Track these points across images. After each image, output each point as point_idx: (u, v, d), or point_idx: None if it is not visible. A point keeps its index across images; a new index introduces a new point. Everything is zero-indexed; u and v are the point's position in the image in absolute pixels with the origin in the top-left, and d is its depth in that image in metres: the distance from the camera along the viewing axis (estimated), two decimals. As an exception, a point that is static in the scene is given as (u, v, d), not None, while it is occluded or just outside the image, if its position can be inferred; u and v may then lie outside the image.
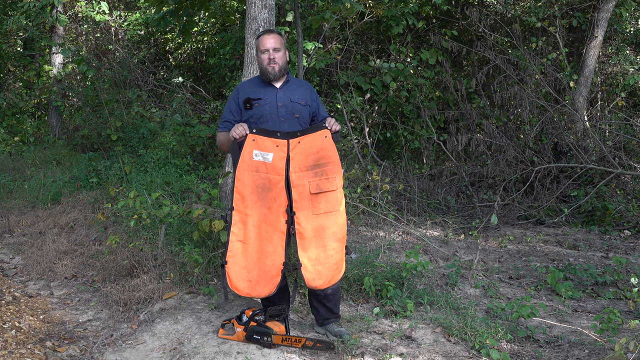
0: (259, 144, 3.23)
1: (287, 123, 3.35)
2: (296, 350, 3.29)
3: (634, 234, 6.17)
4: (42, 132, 10.94)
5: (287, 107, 3.39)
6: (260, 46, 3.43)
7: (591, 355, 3.24)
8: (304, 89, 3.53)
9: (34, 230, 6.19)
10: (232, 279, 3.22)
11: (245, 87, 3.47)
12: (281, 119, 3.35)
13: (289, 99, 3.41)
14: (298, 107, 3.41)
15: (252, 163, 3.22)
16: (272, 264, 3.22)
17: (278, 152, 3.23)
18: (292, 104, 3.40)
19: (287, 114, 3.37)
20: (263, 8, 4.64)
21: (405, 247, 5.16)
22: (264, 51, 3.40)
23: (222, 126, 3.48)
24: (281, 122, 3.34)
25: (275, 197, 3.22)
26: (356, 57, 9.16)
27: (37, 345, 3.53)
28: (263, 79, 3.45)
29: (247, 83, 3.54)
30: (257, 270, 3.22)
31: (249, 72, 4.68)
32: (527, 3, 9.44)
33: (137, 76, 9.63)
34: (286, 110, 3.38)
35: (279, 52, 3.41)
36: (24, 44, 13.01)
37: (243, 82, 3.60)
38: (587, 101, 8.48)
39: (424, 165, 8.04)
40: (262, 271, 3.21)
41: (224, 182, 4.87)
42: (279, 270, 3.22)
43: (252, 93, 3.41)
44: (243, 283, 3.22)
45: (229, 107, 3.47)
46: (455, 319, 3.58)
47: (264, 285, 3.22)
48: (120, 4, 12.49)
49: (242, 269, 3.22)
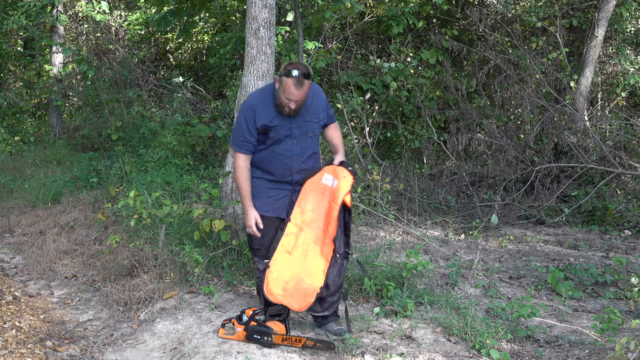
0: (332, 168, 3.44)
1: (299, 145, 3.40)
2: (296, 350, 3.29)
3: (634, 233, 6.17)
4: (43, 131, 10.93)
5: (302, 128, 3.40)
6: (285, 88, 3.23)
7: (591, 355, 3.24)
8: (316, 102, 3.44)
9: (34, 229, 6.19)
10: (269, 283, 3.34)
11: (260, 110, 3.35)
12: (294, 141, 3.39)
13: (303, 120, 3.39)
14: (311, 126, 3.43)
15: (320, 184, 3.41)
16: (311, 284, 3.36)
17: (345, 182, 3.41)
18: (305, 124, 3.40)
19: (300, 135, 3.40)
20: (263, 8, 4.64)
21: (406, 247, 5.16)
22: (287, 97, 3.25)
23: (242, 146, 3.39)
24: (294, 144, 3.39)
25: (330, 223, 3.40)
26: (356, 57, 9.16)
27: (37, 344, 3.53)
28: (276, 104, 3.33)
29: (260, 103, 3.37)
30: (295, 284, 3.35)
31: (249, 71, 4.68)
32: (527, 3, 9.44)
33: (138, 76, 9.63)
34: (300, 132, 3.40)
35: (299, 103, 3.30)
36: (24, 44, 13.00)
37: (257, 100, 3.40)
38: (587, 101, 8.48)
39: (424, 165, 8.03)
40: (299, 286, 3.35)
41: (224, 181, 4.87)
42: (315, 293, 3.36)
43: (268, 119, 3.34)
44: (278, 290, 3.34)
45: (248, 127, 3.36)
46: (455, 318, 3.58)
47: (297, 300, 3.35)
48: (120, 4, 12.49)
49: (281, 278, 3.35)
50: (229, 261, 4.46)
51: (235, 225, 4.54)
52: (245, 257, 4.47)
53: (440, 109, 8.75)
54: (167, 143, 7.57)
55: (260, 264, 3.50)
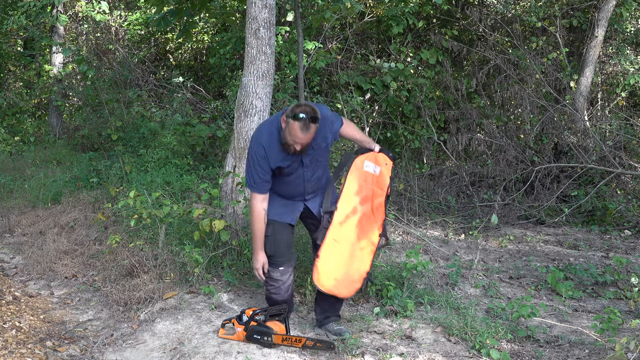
0: (373, 156, 3.49)
1: (310, 171, 3.40)
2: (296, 350, 3.29)
3: (634, 233, 6.17)
4: (43, 131, 10.93)
5: (311, 156, 3.38)
6: (291, 131, 3.17)
7: (591, 355, 3.24)
8: (323, 127, 3.35)
9: (34, 230, 6.19)
10: (320, 274, 3.34)
11: (271, 152, 3.28)
12: (305, 169, 3.38)
13: (312, 148, 3.34)
14: (319, 152, 3.41)
15: (362, 172, 3.45)
16: (358, 269, 3.41)
17: (386, 169, 3.48)
18: (314, 152, 3.37)
19: (310, 162, 3.39)
20: (263, 8, 4.64)
21: (406, 247, 5.16)
22: (293, 140, 3.19)
23: (262, 187, 3.34)
24: (305, 172, 3.39)
25: (376, 209, 3.47)
26: (356, 57, 9.16)
27: (37, 344, 3.53)
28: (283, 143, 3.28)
29: (270, 145, 3.29)
30: (344, 272, 3.38)
31: (249, 71, 4.68)
32: (527, 3, 9.44)
33: (138, 76, 9.62)
34: (310, 160, 3.38)
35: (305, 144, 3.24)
36: (24, 44, 13.00)
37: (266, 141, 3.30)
38: (587, 101, 8.48)
39: (424, 165, 8.03)
40: (347, 273, 3.38)
41: (224, 181, 4.87)
42: (362, 278, 3.42)
43: (280, 159, 3.30)
44: (330, 281, 3.36)
45: (262, 168, 3.29)
46: (455, 318, 3.58)
47: (346, 287, 3.39)
48: (120, 4, 12.49)
49: (331, 267, 3.36)
50: (229, 261, 4.46)
51: (235, 225, 4.54)
52: (245, 257, 4.47)
53: (440, 109, 8.75)
54: (167, 143, 7.57)
55: (274, 272, 3.43)
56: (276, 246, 3.41)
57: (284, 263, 3.43)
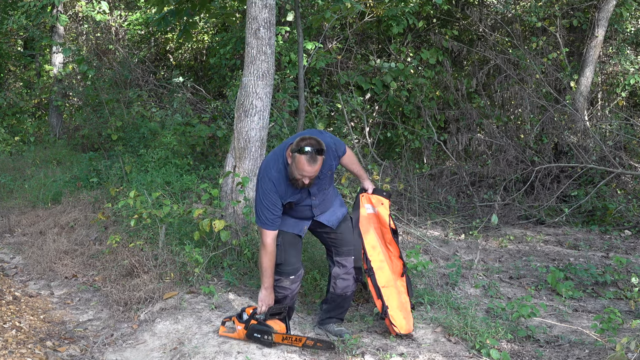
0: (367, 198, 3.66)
1: (317, 198, 3.41)
2: (297, 350, 3.29)
3: (634, 233, 6.16)
4: (43, 131, 10.93)
5: (318, 186, 3.38)
6: (298, 166, 3.14)
7: (591, 355, 3.24)
8: (328, 156, 3.34)
9: (34, 230, 6.19)
10: (396, 321, 3.48)
11: (281, 188, 3.26)
12: (313, 197, 3.39)
13: (318, 177, 3.33)
14: (325, 180, 3.41)
15: (366, 217, 3.64)
16: (406, 300, 3.59)
17: (383, 209, 3.65)
18: (320, 181, 3.37)
19: (318, 191, 3.40)
20: (263, 8, 4.64)
21: (406, 247, 5.16)
22: (300, 174, 3.16)
23: (273, 224, 3.29)
24: (312, 200, 3.40)
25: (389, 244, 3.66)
26: (356, 57, 9.16)
27: (37, 344, 3.53)
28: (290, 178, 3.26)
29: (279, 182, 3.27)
30: (403, 308, 3.56)
31: (249, 71, 4.68)
32: (527, 3, 9.44)
33: (138, 76, 9.62)
34: (318, 189, 3.39)
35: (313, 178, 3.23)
36: (24, 44, 13.00)
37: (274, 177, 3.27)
38: (587, 101, 8.48)
39: (425, 165, 8.03)
40: (404, 307, 3.56)
41: (224, 181, 4.87)
42: (409, 304, 3.59)
43: (290, 195, 3.30)
44: (403, 321, 3.51)
45: (274, 205, 3.27)
46: (455, 318, 3.58)
47: (409, 319, 3.54)
48: (120, 4, 12.49)
49: (397, 310, 3.53)
50: (229, 261, 4.46)
51: (235, 225, 4.54)
52: (245, 257, 4.47)
53: (440, 109, 8.75)
54: (167, 143, 7.57)
55: (285, 281, 3.43)
56: (287, 255, 3.42)
57: (294, 272, 3.45)
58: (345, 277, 3.52)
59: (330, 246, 3.57)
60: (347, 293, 3.56)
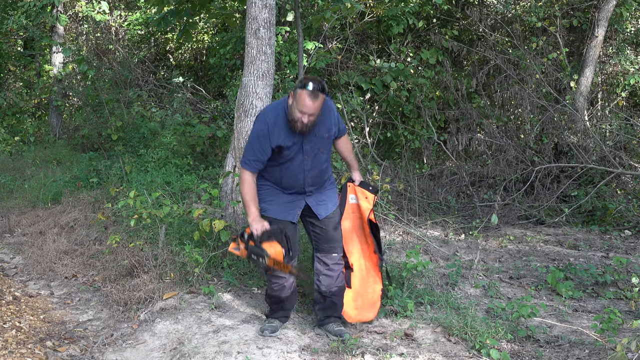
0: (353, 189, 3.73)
1: (310, 161, 3.38)
2: (297, 350, 3.30)
3: (634, 233, 6.16)
4: (43, 131, 10.93)
5: (313, 144, 3.37)
6: (298, 103, 3.18)
7: (591, 355, 3.24)
8: (328, 116, 3.39)
9: (34, 230, 6.18)
10: (344, 306, 3.60)
11: (275, 130, 3.29)
12: (305, 157, 3.37)
13: (315, 135, 3.35)
14: (322, 142, 3.40)
15: (350, 206, 3.71)
16: (374, 291, 3.69)
17: (365, 202, 3.71)
18: (317, 140, 3.37)
19: (311, 150, 3.38)
20: (263, 8, 4.64)
21: (406, 247, 5.16)
22: (301, 110, 3.19)
23: (252, 165, 3.33)
24: (305, 161, 3.37)
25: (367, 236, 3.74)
26: (356, 57, 9.16)
27: (37, 345, 3.53)
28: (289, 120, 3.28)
29: (275, 124, 3.30)
30: (362, 298, 3.65)
31: (249, 71, 4.68)
32: (527, 3, 9.44)
33: (138, 76, 9.63)
34: (311, 147, 3.37)
35: (312, 117, 3.24)
36: (24, 44, 13.00)
37: (270, 119, 3.32)
38: (587, 101, 8.48)
39: (425, 165, 8.03)
40: (366, 298, 3.66)
41: (224, 181, 4.87)
42: (379, 296, 3.70)
43: (282, 139, 3.30)
44: (353, 311, 3.64)
45: (261, 147, 3.30)
46: (455, 318, 3.58)
47: (368, 310, 3.65)
48: (120, 4, 12.49)
49: (350, 298, 3.64)
50: (229, 261, 4.46)
51: (235, 225, 4.54)
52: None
53: (440, 109, 8.75)
54: (167, 143, 7.57)
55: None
56: None
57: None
58: (328, 273, 3.51)
59: (312, 240, 3.58)
60: (332, 290, 3.52)
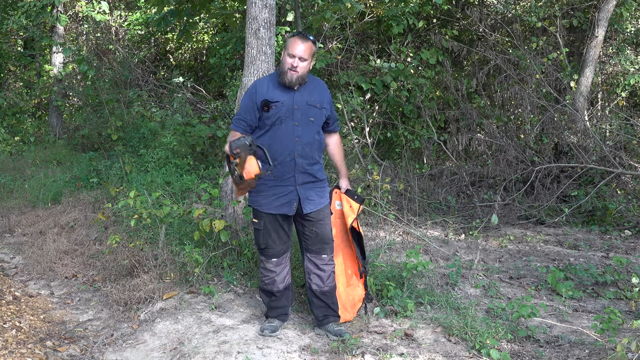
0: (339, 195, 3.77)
1: (301, 127, 3.37)
2: (297, 350, 3.30)
3: (634, 233, 6.16)
4: (43, 131, 10.93)
5: (303, 110, 3.38)
6: (289, 47, 3.32)
7: (592, 355, 3.24)
8: (320, 89, 3.50)
9: (34, 230, 6.19)
10: None
11: (263, 87, 3.39)
12: (295, 123, 3.36)
13: (305, 101, 3.39)
14: (313, 111, 3.41)
15: (335, 211, 3.74)
16: (355, 293, 3.76)
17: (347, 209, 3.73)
18: (307, 107, 3.39)
19: (302, 117, 3.38)
20: (263, 8, 4.63)
21: (406, 247, 5.16)
22: (290, 55, 3.30)
23: (237, 124, 3.42)
24: (295, 127, 3.36)
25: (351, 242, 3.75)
26: (356, 57, 9.16)
27: (37, 344, 3.53)
28: (279, 80, 3.37)
29: (264, 82, 3.44)
30: (343, 299, 3.70)
31: (249, 71, 4.68)
32: (527, 3, 9.44)
33: (138, 76, 9.63)
34: (301, 113, 3.37)
35: (304, 62, 3.31)
36: (24, 44, 13.00)
37: (261, 80, 3.50)
38: (587, 101, 8.48)
39: (425, 165, 8.03)
40: (347, 300, 3.71)
41: (224, 181, 4.87)
42: (361, 299, 3.78)
43: (270, 95, 3.35)
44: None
45: (246, 106, 3.40)
46: (455, 318, 3.58)
47: (348, 311, 3.71)
48: (120, 4, 12.50)
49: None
50: (229, 261, 4.47)
51: (235, 225, 4.54)
52: (245, 258, 4.47)
53: (440, 109, 8.75)
54: (167, 143, 7.57)
55: (268, 264, 3.50)
56: (269, 238, 3.44)
57: (277, 255, 3.47)
58: (318, 272, 3.51)
59: (302, 240, 3.56)
60: (323, 289, 3.52)
